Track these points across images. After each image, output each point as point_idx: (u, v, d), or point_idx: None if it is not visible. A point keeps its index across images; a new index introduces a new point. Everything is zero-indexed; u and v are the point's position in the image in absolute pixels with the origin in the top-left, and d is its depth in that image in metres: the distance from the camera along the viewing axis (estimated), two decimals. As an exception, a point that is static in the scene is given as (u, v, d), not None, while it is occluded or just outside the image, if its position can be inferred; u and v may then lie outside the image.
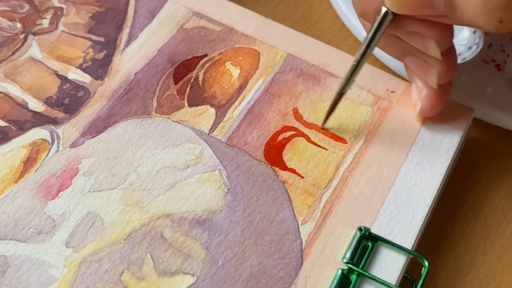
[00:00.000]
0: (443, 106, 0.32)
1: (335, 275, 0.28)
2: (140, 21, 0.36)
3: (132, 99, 0.33)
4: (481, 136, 0.36)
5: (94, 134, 0.32)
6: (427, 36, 0.29)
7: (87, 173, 0.31)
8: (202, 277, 0.28)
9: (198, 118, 0.33)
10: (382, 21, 0.29)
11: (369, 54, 0.30)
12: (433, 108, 0.32)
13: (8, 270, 0.28)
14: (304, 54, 0.35)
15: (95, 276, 0.28)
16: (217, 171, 0.31)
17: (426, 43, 0.29)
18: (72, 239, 0.29)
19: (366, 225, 0.29)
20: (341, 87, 0.31)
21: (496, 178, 0.35)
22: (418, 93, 0.32)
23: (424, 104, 0.32)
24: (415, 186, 0.31)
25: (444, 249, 0.32)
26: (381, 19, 0.29)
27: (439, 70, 0.30)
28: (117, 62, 0.35)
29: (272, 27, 0.36)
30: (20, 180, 0.30)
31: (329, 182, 0.31)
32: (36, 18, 0.36)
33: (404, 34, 0.30)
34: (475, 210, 0.33)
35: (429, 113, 0.32)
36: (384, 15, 0.28)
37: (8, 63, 0.34)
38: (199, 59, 0.35)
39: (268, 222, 0.29)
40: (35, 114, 0.32)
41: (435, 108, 0.32)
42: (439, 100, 0.32)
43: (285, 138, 0.32)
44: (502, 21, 0.25)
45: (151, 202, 0.30)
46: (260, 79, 0.34)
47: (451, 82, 0.32)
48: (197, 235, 0.29)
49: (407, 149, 0.32)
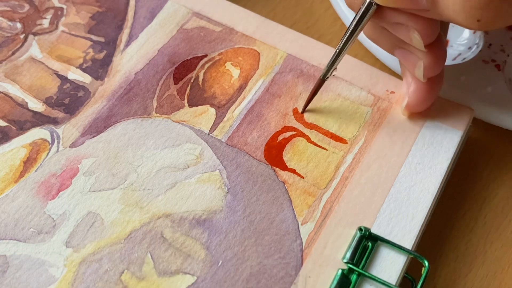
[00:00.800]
0: (430, 102, 0.32)
1: (335, 275, 0.28)
2: (140, 21, 0.36)
3: (132, 99, 0.33)
4: (481, 136, 0.36)
5: (94, 134, 0.32)
6: (411, 27, 0.29)
7: (87, 173, 0.31)
8: (202, 277, 0.28)
9: (198, 118, 0.33)
10: (366, 12, 0.29)
11: (351, 42, 0.31)
12: (420, 103, 0.32)
13: (8, 269, 0.28)
14: (304, 54, 0.35)
15: (95, 276, 0.28)
16: (217, 171, 0.31)
17: (410, 35, 0.29)
18: (72, 239, 0.29)
19: (366, 225, 0.29)
20: (323, 73, 0.32)
21: (496, 178, 0.35)
22: (407, 88, 0.32)
23: (411, 99, 0.32)
24: (415, 186, 0.31)
25: (444, 249, 0.32)
26: (365, 9, 0.29)
27: (426, 62, 0.30)
28: (117, 62, 0.35)
29: (272, 27, 0.36)
30: (20, 180, 0.30)
31: (329, 182, 0.31)
32: (36, 18, 0.36)
33: (390, 25, 0.30)
34: (475, 210, 0.33)
35: (415, 108, 0.32)
36: (367, 5, 0.29)
37: (8, 63, 0.34)
38: (199, 59, 0.35)
39: (268, 222, 0.29)
40: (35, 114, 0.32)
41: (422, 103, 0.32)
42: (426, 96, 0.32)
43: (285, 138, 0.32)
44: (480, 19, 0.26)
45: (151, 202, 0.30)
46: (260, 79, 0.34)
47: (440, 78, 0.32)
48: (197, 235, 0.29)
49: (407, 149, 0.32)
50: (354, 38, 0.31)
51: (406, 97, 0.32)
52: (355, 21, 0.30)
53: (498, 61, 0.36)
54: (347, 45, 0.31)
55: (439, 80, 0.32)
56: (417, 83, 0.32)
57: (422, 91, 0.32)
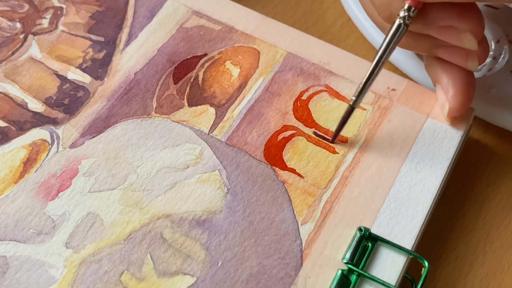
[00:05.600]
0: (470, 103, 0.32)
1: (335, 276, 0.28)
2: (139, 20, 0.36)
3: (131, 99, 0.33)
4: (481, 136, 0.36)
5: (94, 134, 0.32)
6: (462, 29, 0.28)
7: (87, 173, 0.31)
8: (202, 277, 0.28)
9: (198, 118, 0.33)
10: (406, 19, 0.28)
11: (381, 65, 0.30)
12: (462, 106, 0.32)
13: (8, 270, 0.28)
14: (304, 52, 0.35)
15: (95, 276, 0.28)
16: (217, 171, 0.31)
17: (462, 36, 0.28)
18: (72, 240, 0.29)
19: (366, 225, 0.29)
20: (353, 100, 0.31)
21: (496, 178, 0.34)
22: (444, 94, 0.32)
23: (452, 103, 0.32)
24: (415, 186, 0.31)
25: (444, 249, 0.32)
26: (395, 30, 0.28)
27: (479, 51, 0.30)
28: (116, 62, 0.34)
29: (272, 25, 0.36)
30: (20, 180, 0.30)
31: (329, 182, 0.31)
32: (35, 18, 0.36)
33: (435, 30, 0.29)
34: (475, 210, 0.33)
35: (457, 112, 0.32)
36: (407, 10, 0.28)
37: (7, 63, 0.34)
38: (199, 59, 0.35)
39: (268, 223, 0.29)
40: (34, 115, 0.32)
41: (463, 106, 0.32)
42: (467, 98, 0.32)
43: (285, 138, 0.32)
44: None
45: (151, 202, 0.30)
46: (260, 78, 0.34)
47: (474, 78, 0.32)
48: (197, 236, 0.29)
49: (407, 149, 0.32)
50: (384, 60, 0.30)
51: (446, 103, 0.32)
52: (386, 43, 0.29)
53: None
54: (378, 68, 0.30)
55: (473, 78, 0.32)
56: (455, 88, 0.31)
57: (462, 95, 0.31)
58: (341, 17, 0.40)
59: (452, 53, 0.31)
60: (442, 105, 0.32)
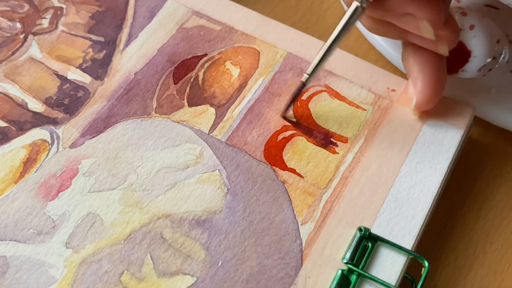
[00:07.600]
0: (438, 99, 0.32)
1: (335, 276, 0.28)
2: (139, 20, 0.36)
3: (132, 99, 0.33)
4: (481, 136, 0.36)
5: (94, 134, 0.32)
6: (419, 16, 0.28)
7: (87, 173, 0.31)
8: (202, 277, 0.28)
9: (198, 118, 0.33)
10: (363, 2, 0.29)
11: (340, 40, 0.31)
12: (428, 100, 0.32)
13: (8, 270, 0.28)
14: (304, 53, 0.35)
15: (95, 276, 0.28)
16: (217, 171, 0.31)
17: (419, 24, 0.28)
18: (72, 240, 0.29)
19: (366, 225, 0.29)
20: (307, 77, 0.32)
21: (496, 178, 0.34)
22: (413, 87, 0.32)
23: (419, 97, 0.32)
24: (415, 186, 0.31)
25: (444, 249, 0.32)
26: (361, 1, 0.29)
27: (445, 36, 0.30)
28: (116, 62, 0.35)
29: (272, 26, 0.36)
30: (20, 180, 0.30)
31: (329, 182, 0.31)
32: (35, 18, 0.36)
33: (395, 18, 0.29)
34: (475, 210, 0.33)
35: (424, 106, 0.32)
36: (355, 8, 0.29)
37: (8, 63, 0.34)
38: (198, 59, 0.35)
39: (268, 223, 0.29)
40: (35, 115, 0.32)
41: (431, 100, 0.32)
42: (434, 93, 0.31)
43: (285, 138, 0.32)
44: None
45: (151, 202, 0.30)
46: (260, 78, 0.34)
47: (445, 74, 0.32)
48: (197, 236, 0.29)
49: (407, 149, 0.32)
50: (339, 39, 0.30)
51: (414, 97, 0.32)
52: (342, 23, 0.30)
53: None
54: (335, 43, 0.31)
55: (444, 74, 0.32)
56: (423, 81, 0.31)
57: (429, 88, 0.31)
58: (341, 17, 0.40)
59: (422, 38, 0.30)
60: (411, 98, 0.32)
